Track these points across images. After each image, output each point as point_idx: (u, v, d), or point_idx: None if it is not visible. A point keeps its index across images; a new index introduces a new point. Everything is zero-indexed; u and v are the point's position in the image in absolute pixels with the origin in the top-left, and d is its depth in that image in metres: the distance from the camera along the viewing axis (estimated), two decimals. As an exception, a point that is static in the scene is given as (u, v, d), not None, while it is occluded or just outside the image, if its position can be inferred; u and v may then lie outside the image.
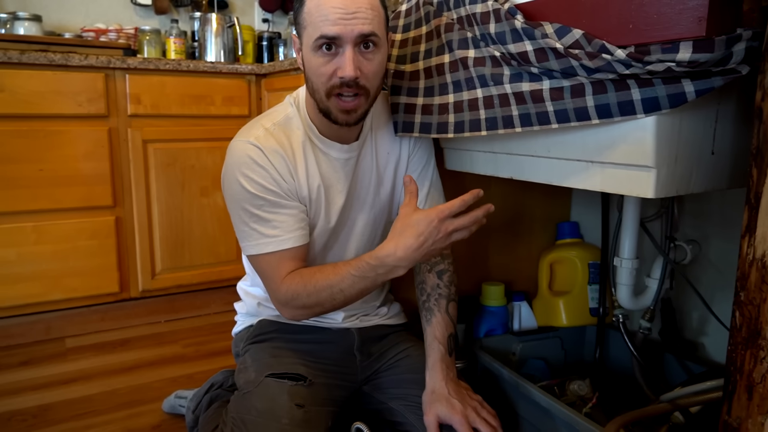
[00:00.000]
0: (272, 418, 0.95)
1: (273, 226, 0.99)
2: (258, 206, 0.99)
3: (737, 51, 0.70)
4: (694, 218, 1.31)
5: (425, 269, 1.13)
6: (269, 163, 0.99)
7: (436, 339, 1.04)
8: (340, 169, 1.06)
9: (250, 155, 0.99)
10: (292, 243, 0.99)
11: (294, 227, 1.00)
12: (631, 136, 0.84)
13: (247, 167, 0.98)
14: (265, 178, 0.99)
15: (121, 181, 1.89)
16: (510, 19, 0.88)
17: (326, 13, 0.89)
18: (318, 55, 0.92)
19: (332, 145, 1.04)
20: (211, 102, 2.01)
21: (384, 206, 1.13)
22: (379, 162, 1.11)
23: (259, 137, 1.00)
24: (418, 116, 1.08)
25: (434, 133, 1.06)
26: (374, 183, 1.10)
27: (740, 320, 0.71)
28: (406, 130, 1.09)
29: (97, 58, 1.78)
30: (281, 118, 1.04)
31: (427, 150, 1.16)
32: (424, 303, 1.10)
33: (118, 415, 1.41)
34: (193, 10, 2.49)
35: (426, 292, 1.11)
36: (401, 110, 1.10)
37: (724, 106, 0.86)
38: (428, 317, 1.08)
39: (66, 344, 1.83)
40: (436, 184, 1.17)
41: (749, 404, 0.70)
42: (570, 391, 1.26)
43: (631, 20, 0.76)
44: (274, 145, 1.00)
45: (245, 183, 0.98)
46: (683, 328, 1.36)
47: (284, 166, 1.00)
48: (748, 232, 0.70)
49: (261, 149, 0.99)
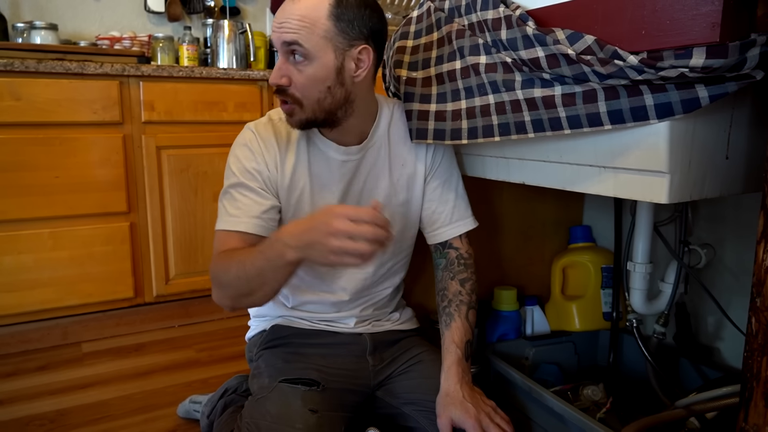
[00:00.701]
0: (286, 423, 0.95)
1: (237, 206, 1.01)
2: (233, 185, 1.02)
3: (751, 56, 0.69)
4: (708, 222, 1.30)
5: (448, 277, 1.14)
6: (258, 149, 1.03)
7: (453, 342, 1.05)
8: (336, 170, 1.07)
9: (245, 137, 1.05)
10: (244, 227, 0.99)
11: (254, 213, 1.00)
12: (644, 142, 0.83)
13: (239, 147, 1.05)
14: (249, 160, 1.03)
15: (135, 187, 1.91)
16: (521, 26, 0.88)
17: (275, 19, 0.95)
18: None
19: (330, 145, 1.06)
20: (223, 108, 2.02)
21: (394, 216, 1.13)
22: (393, 172, 1.11)
23: (259, 124, 1.06)
24: (432, 123, 1.09)
25: (448, 140, 1.06)
26: (385, 191, 1.11)
27: (756, 327, 0.71)
28: (420, 137, 1.10)
29: (111, 66, 1.81)
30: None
31: (447, 166, 1.16)
32: (444, 308, 1.11)
33: (133, 419, 1.42)
34: (205, 17, 2.51)
35: (447, 298, 1.12)
36: (414, 117, 1.11)
37: (738, 110, 0.85)
38: (448, 321, 1.09)
39: (82, 349, 1.85)
40: (462, 196, 1.17)
41: (766, 411, 0.69)
42: (583, 396, 1.26)
43: (644, 26, 0.75)
44: (269, 134, 1.05)
45: (232, 161, 1.04)
46: (698, 333, 1.35)
47: (271, 156, 1.03)
48: (763, 238, 0.70)
49: (255, 134, 1.04)
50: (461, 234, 1.16)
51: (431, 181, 1.14)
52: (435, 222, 1.15)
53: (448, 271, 1.14)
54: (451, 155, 1.18)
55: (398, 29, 1.20)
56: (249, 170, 1.02)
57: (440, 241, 1.16)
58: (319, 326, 1.14)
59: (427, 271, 1.40)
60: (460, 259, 1.15)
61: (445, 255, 1.16)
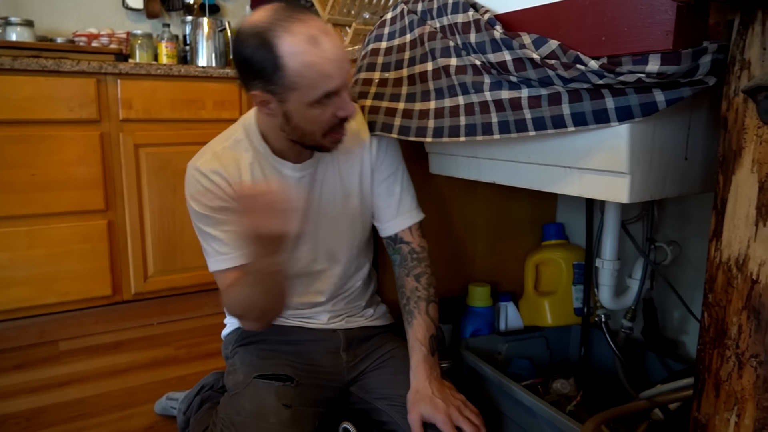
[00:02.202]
0: (260, 418, 0.97)
1: (223, 243, 1.03)
2: (210, 225, 1.03)
3: (703, 63, 0.73)
4: (674, 220, 1.34)
5: (403, 274, 1.15)
6: (213, 185, 1.03)
7: (417, 341, 1.07)
8: (294, 187, 1.08)
9: (197, 179, 1.04)
10: (238, 262, 1.02)
11: (241, 246, 1.02)
12: (607, 144, 0.86)
13: (195, 191, 1.04)
14: (212, 199, 1.03)
15: (113, 185, 1.91)
16: (489, 30, 0.91)
17: (325, 71, 0.90)
18: (315, 107, 0.94)
19: (285, 164, 1.07)
20: (202, 106, 2.03)
21: (354, 217, 1.15)
22: (343, 176, 1.12)
23: (206, 162, 1.04)
24: (398, 119, 1.10)
25: (412, 137, 1.08)
26: (341, 196, 1.13)
27: (708, 321, 0.74)
28: (384, 131, 1.11)
29: (88, 63, 1.80)
30: (230, 142, 1.06)
31: (394, 158, 1.17)
32: (404, 306, 1.13)
33: (110, 417, 1.42)
34: (184, 14, 2.51)
35: (405, 295, 1.13)
36: (381, 112, 1.12)
37: (696, 114, 0.89)
38: (409, 320, 1.11)
39: (59, 347, 1.84)
40: (408, 189, 1.18)
41: (716, 401, 0.72)
42: (553, 389, 1.29)
43: (604, 33, 0.78)
44: (218, 168, 1.03)
45: (196, 206, 1.04)
46: (665, 327, 1.39)
47: (228, 187, 1.03)
48: (715, 237, 0.73)
49: (205, 174, 1.03)
50: (410, 227, 1.17)
51: (378, 175, 1.15)
52: (383, 216, 1.17)
53: (402, 267, 1.16)
54: (396, 148, 1.18)
55: (372, 31, 1.22)
56: (216, 206, 1.03)
57: (389, 235, 1.17)
58: (293, 323, 1.16)
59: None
60: (413, 253, 1.16)
61: (398, 251, 1.17)
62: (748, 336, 0.68)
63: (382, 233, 1.19)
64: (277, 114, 0.97)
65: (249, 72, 0.93)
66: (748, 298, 0.68)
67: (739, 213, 0.69)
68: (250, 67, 0.91)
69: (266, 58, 0.89)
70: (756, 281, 0.67)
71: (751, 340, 0.68)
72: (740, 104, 0.67)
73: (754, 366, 0.67)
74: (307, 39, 0.89)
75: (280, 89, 0.92)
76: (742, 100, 0.67)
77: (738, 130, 0.68)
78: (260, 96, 0.94)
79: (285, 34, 0.88)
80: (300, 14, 0.90)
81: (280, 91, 0.92)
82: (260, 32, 0.89)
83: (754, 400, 0.68)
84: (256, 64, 0.90)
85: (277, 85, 0.91)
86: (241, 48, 0.92)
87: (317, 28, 0.90)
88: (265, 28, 0.89)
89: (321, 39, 0.89)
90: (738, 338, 0.69)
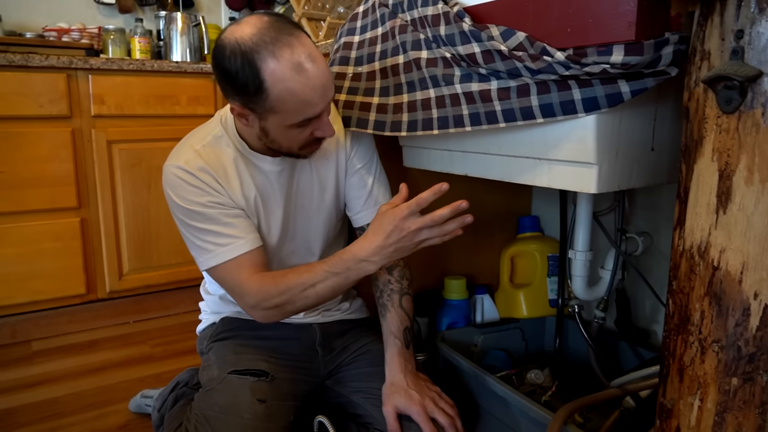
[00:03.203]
0: (234, 413, 0.97)
1: (225, 235, 1.01)
2: (205, 221, 1.01)
3: (666, 54, 0.74)
4: (645, 211, 1.36)
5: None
6: (201, 182, 1.01)
7: (392, 334, 1.07)
8: (275, 181, 1.08)
9: (181, 178, 1.01)
10: (249, 246, 1.01)
11: (246, 231, 1.02)
12: (574, 134, 0.87)
13: (182, 190, 1.01)
14: (201, 195, 1.01)
15: (85, 182, 1.88)
16: (458, 22, 0.91)
17: (308, 98, 0.90)
18: (294, 128, 0.94)
19: (264, 159, 1.06)
20: (176, 102, 2.00)
21: (330, 210, 1.15)
22: (318, 170, 1.13)
23: (189, 161, 1.02)
24: (373, 114, 1.11)
25: (388, 131, 1.08)
26: (317, 190, 1.13)
27: (673, 308, 0.75)
28: (360, 126, 1.11)
29: (58, 58, 1.77)
30: (210, 138, 1.05)
31: (367, 150, 1.17)
32: (378, 299, 1.14)
33: (84, 416, 1.41)
34: (158, 8, 2.47)
35: (378, 288, 1.14)
36: (356, 108, 1.12)
37: (662, 105, 0.90)
38: (383, 313, 1.11)
39: (32, 347, 1.81)
40: (380, 179, 1.18)
41: (680, 386, 0.74)
42: (528, 380, 1.30)
43: (569, 24, 0.79)
44: (203, 164, 1.02)
45: (185, 204, 1.01)
46: (637, 317, 1.41)
47: (216, 183, 1.02)
48: (679, 225, 0.74)
49: (190, 172, 1.01)
50: None
51: (351, 166, 1.16)
52: (355, 206, 1.17)
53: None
54: (369, 139, 1.18)
55: (344, 24, 1.22)
56: (208, 203, 1.01)
57: (360, 226, 1.18)
58: (268, 318, 1.16)
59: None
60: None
61: None
62: (710, 322, 0.69)
63: (355, 224, 1.19)
64: (254, 126, 0.97)
65: (230, 86, 0.92)
66: (709, 284, 0.69)
67: (700, 201, 0.70)
68: (233, 83, 0.90)
69: (249, 80, 0.88)
70: (717, 268, 0.68)
71: (712, 325, 0.69)
72: (701, 94, 0.68)
73: (716, 351, 0.69)
74: (292, 66, 0.87)
75: (261, 109, 0.92)
76: (703, 90, 0.68)
77: (699, 120, 0.69)
78: (239, 109, 0.94)
79: (270, 59, 0.87)
80: (288, 36, 0.88)
81: (260, 111, 0.92)
82: (246, 52, 0.87)
83: (716, 384, 0.69)
84: (239, 82, 0.89)
85: (258, 105, 0.91)
86: (223, 61, 0.90)
87: (303, 54, 0.88)
88: (251, 49, 0.87)
89: (306, 66, 0.88)
90: (700, 324, 0.71)
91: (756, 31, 0.62)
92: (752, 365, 0.66)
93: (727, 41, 0.65)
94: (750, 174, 0.64)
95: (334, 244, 1.21)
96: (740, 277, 0.66)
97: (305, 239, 1.15)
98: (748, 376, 0.66)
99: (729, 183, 0.66)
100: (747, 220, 0.65)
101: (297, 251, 1.15)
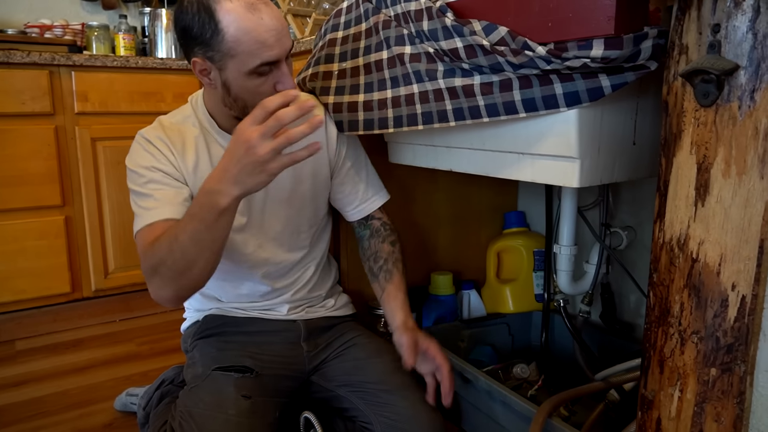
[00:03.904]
0: (219, 409, 0.96)
1: (153, 199, 0.99)
2: (141, 184, 1.02)
3: (645, 48, 0.74)
4: (629, 205, 1.37)
5: (378, 241, 1.20)
6: (155, 149, 1.03)
7: (400, 290, 1.14)
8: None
9: (139, 143, 1.05)
10: (169, 214, 0.97)
11: (176, 201, 0.99)
12: (556, 129, 0.88)
13: (135, 154, 1.04)
14: (150, 160, 1.03)
15: (69, 180, 1.86)
16: (441, 17, 0.91)
17: (262, 39, 0.91)
18: (253, 78, 0.94)
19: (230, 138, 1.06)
20: (161, 99, 1.99)
21: (303, 203, 1.15)
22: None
23: (150, 130, 1.06)
24: (361, 113, 1.11)
25: (377, 129, 1.09)
26: (289, 182, 1.12)
27: (654, 300, 0.76)
28: (352, 129, 1.13)
29: (40, 54, 1.75)
30: (179, 117, 1.09)
31: (354, 147, 1.20)
32: (381, 267, 1.18)
33: (69, 415, 1.40)
34: (142, 5, 2.45)
35: (382, 258, 1.19)
36: (345, 109, 1.13)
37: (643, 99, 0.91)
38: (388, 277, 1.16)
39: (16, 347, 1.80)
40: (372, 172, 1.23)
41: (661, 377, 0.75)
42: (513, 374, 1.31)
43: (550, 18, 0.79)
44: (162, 135, 1.05)
45: (131, 166, 1.03)
46: (621, 311, 1.42)
47: (170, 154, 1.04)
48: (659, 218, 0.75)
49: (148, 139, 1.04)
50: (380, 206, 1.23)
51: (342, 164, 1.18)
52: (353, 201, 1.21)
53: (376, 237, 1.21)
54: (356, 140, 1.22)
55: (328, 20, 1.21)
56: (152, 167, 1.02)
57: (362, 217, 1.22)
58: (252, 314, 1.16)
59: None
60: (385, 225, 1.22)
61: (369, 226, 1.22)
62: (689, 313, 0.70)
63: (353, 217, 1.22)
64: (216, 84, 0.97)
65: (189, 38, 0.94)
66: (688, 276, 0.70)
67: (680, 194, 0.70)
68: (190, 33, 0.92)
69: (205, 23, 0.90)
70: (696, 260, 0.69)
71: (692, 317, 0.70)
72: (679, 88, 0.69)
73: (695, 342, 0.70)
74: (245, 6, 0.90)
75: (219, 55, 0.92)
76: (681, 84, 0.69)
77: (677, 114, 0.70)
78: (200, 63, 0.95)
79: (224, 0, 0.90)
80: None
81: (219, 58, 0.93)
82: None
83: (695, 375, 0.70)
84: (196, 29, 0.91)
85: (216, 51, 0.92)
86: (181, 15, 0.93)
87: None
88: None
89: (260, 7, 0.91)
90: (680, 316, 0.71)
91: (732, 25, 0.62)
92: (730, 356, 0.67)
93: (704, 35, 0.65)
94: (727, 167, 0.65)
95: (311, 240, 1.20)
96: (718, 269, 0.67)
97: (275, 231, 1.14)
98: (726, 366, 0.67)
99: (707, 176, 0.67)
100: (725, 213, 0.65)
101: (265, 244, 1.13)
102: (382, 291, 1.15)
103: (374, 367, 1.09)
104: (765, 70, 0.60)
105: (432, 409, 1.02)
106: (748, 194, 0.63)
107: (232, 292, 1.16)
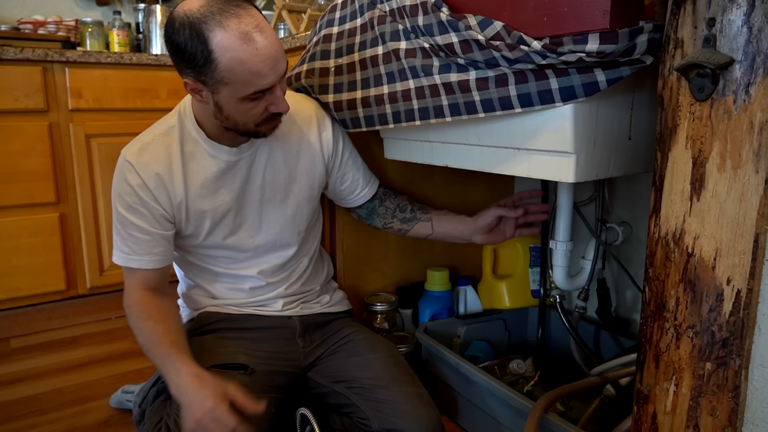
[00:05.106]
0: (215, 406, 0.96)
1: (127, 244, 1.05)
2: (120, 221, 1.05)
3: (640, 42, 0.74)
4: (625, 201, 1.37)
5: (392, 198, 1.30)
6: (140, 182, 1.03)
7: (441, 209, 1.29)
8: (229, 170, 1.07)
9: (123, 172, 1.04)
10: (137, 264, 1.05)
11: (145, 251, 1.05)
12: (552, 124, 0.88)
13: (119, 183, 1.04)
14: (131, 195, 1.03)
15: (64, 177, 1.85)
16: (436, 12, 0.91)
17: (257, 69, 0.90)
18: (247, 102, 0.94)
19: (221, 149, 1.06)
20: (156, 95, 1.98)
21: (300, 202, 1.16)
22: (288, 161, 1.12)
23: (132, 154, 1.04)
24: (361, 110, 1.11)
25: (378, 125, 1.09)
26: (283, 182, 1.13)
27: (649, 295, 0.76)
28: (355, 126, 1.14)
29: (33, 51, 1.74)
30: (164, 129, 1.06)
31: (346, 139, 1.22)
32: (412, 209, 1.28)
33: (64, 413, 1.39)
34: (137, 1, 2.44)
35: (406, 203, 1.29)
36: (345, 107, 1.13)
37: (639, 94, 0.91)
38: (424, 209, 1.29)
39: (11, 345, 1.79)
40: (363, 166, 1.26)
41: (657, 372, 0.75)
42: (509, 370, 1.31)
43: (546, 13, 0.79)
44: (148, 160, 1.03)
45: (115, 197, 1.05)
46: (617, 306, 1.42)
47: (153, 180, 1.03)
48: (654, 213, 0.75)
49: (134, 168, 1.03)
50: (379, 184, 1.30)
51: (341, 156, 1.19)
52: (356, 188, 1.25)
53: (389, 197, 1.29)
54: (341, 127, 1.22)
55: (324, 15, 1.21)
56: (132, 206, 1.03)
57: (368, 199, 1.27)
58: (247, 311, 1.16)
59: (360, 257, 1.43)
60: (386, 189, 1.30)
61: (375, 197, 1.29)
62: (684, 308, 0.70)
63: (362, 200, 1.26)
64: (208, 102, 0.97)
65: (180, 60, 0.92)
66: (684, 271, 0.70)
67: (675, 189, 0.70)
68: (182, 55, 0.90)
69: (197, 50, 0.88)
70: (691, 254, 0.69)
71: (687, 311, 0.70)
72: (674, 82, 0.69)
73: (691, 336, 0.70)
74: (239, 36, 0.87)
75: (212, 81, 0.91)
76: (676, 78, 0.68)
77: (673, 108, 0.69)
78: (192, 84, 0.94)
79: (218, 28, 0.87)
80: (235, 8, 0.89)
81: (212, 84, 0.92)
82: (194, 23, 0.88)
83: (690, 369, 0.70)
84: (188, 54, 0.89)
85: (209, 78, 0.91)
86: (173, 35, 0.90)
87: (251, 25, 0.89)
88: (199, 20, 0.87)
89: (254, 36, 0.88)
90: (676, 310, 0.71)
91: (727, 19, 0.62)
92: (725, 350, 0.67)
93: (700, 29, 0.65)
94: (722, 161, 0.65)
95: (307, 236, 1.21)
96: (713, 263, 0.67)
97: (272, 231, 1.14)
98: (721, 360, 0.67)
99: (702, 170, 0.67)
100: (720, 207, 0.65)
101: (262, 244, 1.14)
102: (429, 220, 1.26)
103: (370, 363, 1.09)
104: (760, 64, 0.60)
105: (428, 405, 1.02)
106: (743, 188, 0.63)
107: (227, 289, 1.15)
